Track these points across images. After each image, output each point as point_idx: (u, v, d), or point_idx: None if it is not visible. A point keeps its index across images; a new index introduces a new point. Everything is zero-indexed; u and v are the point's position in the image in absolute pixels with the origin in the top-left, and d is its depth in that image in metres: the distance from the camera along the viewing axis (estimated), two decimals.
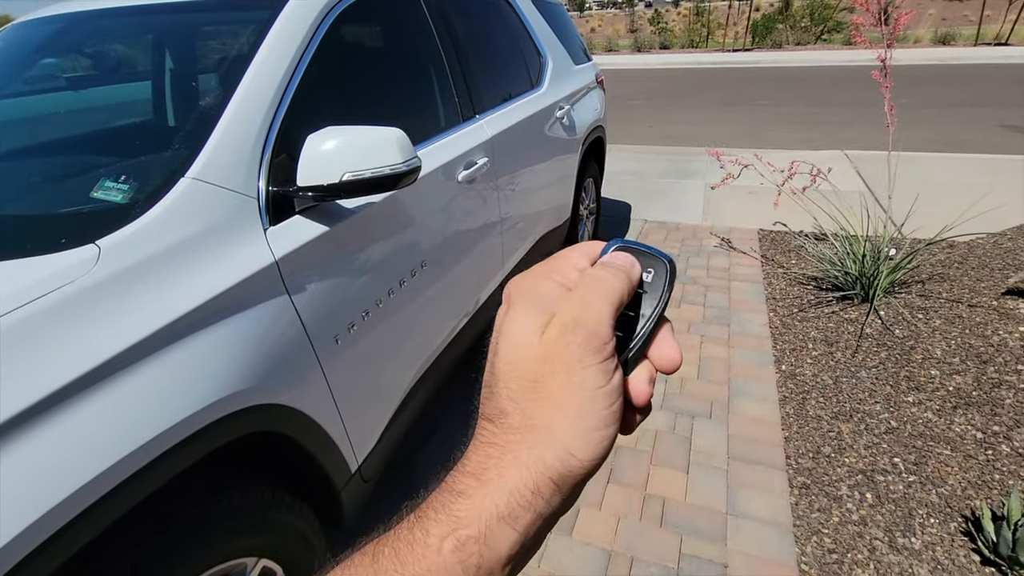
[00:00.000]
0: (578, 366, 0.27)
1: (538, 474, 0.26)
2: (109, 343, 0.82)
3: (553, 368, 0.27)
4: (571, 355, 0.27)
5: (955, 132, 6.37)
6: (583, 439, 0.26)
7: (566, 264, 0.31)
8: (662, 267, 0.30)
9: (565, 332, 0.27)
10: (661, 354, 0.31)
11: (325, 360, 1.20)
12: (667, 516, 1.73)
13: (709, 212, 4.32)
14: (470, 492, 0.26)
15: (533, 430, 0.27)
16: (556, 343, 0.27)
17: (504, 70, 2.44)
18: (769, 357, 2.50)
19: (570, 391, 0.27)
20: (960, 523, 1.63)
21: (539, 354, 0.27)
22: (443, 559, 0.25)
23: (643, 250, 0.30)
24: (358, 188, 1.15)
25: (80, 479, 0.76)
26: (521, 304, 0.29)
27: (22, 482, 0.71)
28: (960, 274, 2.99)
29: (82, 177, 1.15)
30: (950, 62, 12.69)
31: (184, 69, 1.53)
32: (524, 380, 0.27)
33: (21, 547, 0.70)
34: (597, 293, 0.28)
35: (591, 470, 0.27)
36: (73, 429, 0.77)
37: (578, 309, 0.28)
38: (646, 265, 0.30)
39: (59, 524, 0.73)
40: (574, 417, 0.26)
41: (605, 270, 0.29)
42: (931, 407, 2.09)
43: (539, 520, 0.26)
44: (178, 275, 0.94)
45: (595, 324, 0.27)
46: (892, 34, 2.53)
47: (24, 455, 0.71)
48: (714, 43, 20.57)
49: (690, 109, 9.12)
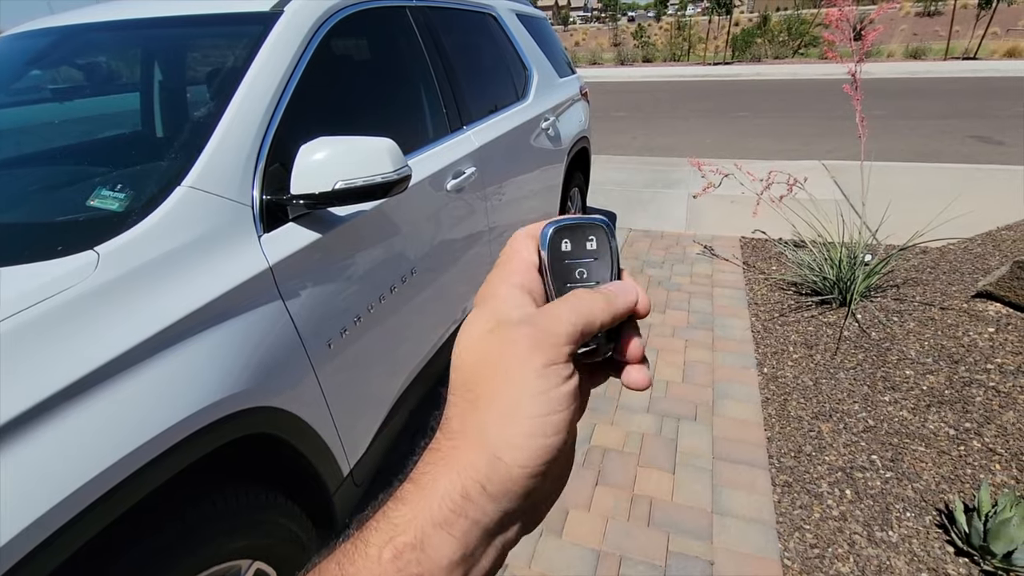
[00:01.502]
0: (518, 366, 0.25)
1: (467, 478, 0.25)
2: (107, 347, 0.84)
3: (493, 368, 0.26)
4: (512, 353, 0.26)
5: (926, 143, 6.59)
6: (513, 443, 0.25)
7: (519, 261, 0.30)
8: (601, 230, 0.30)
9: (509, 329, 0.26)
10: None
11: (318, 364, 1.22)
12: (654, 516, 1.76)
13: (692, 220, 4.41)
14: (408, 498, 0.25)
15: (466, 434, 0.26)
16: (498, 340, 0.26)
17: (491, 83, 2.50)
18: (752, 360, 2.56)
19: (507, 391, 0.25)
20: (935, 516, 1.69)
21: (480, 354, 0.27)
22: (383, 568, 0.24)
23: (578, 223, 0.30)
24: (350, 196, 1.18)
25: (74, 483, 0.77)
26: (479, 307, 0.29)
27: (16, 486, 0.72)
28: (932, 278, 3.10)
29: (80, 186, 1.17)
30: (921, 75, 13.10)
31: (179, 81, 1.56)
32: (465, 383, 0.27)
33: (15, 551, 0.71)
34: (564, 304, 0.27)
35: (525, 477, 0.25)
36: (71, 432, 0.78)
37: (540, 316, 0.27)
38: (587, 234, 0.30)
39: (52, 529, 0.74)
40: (506, 420, 0.25)
41: (586, 291, 0.29)
42: (906, 406, 2.16)
43: (477, 528, 0.25)
44: (175, 281, 0.96)
45: (548, 324, 0.26)
46: (862, 50, 2.64)
47: (20, 459, 0.73)
48: (695, 56, 21.00)
49: (673, 120, 9.31)
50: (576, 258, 0.30)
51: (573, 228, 0.30)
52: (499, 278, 0.30)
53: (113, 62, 1.55)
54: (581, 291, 0.29)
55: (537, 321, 0.27)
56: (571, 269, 0.30)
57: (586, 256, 0.30)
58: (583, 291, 0.29)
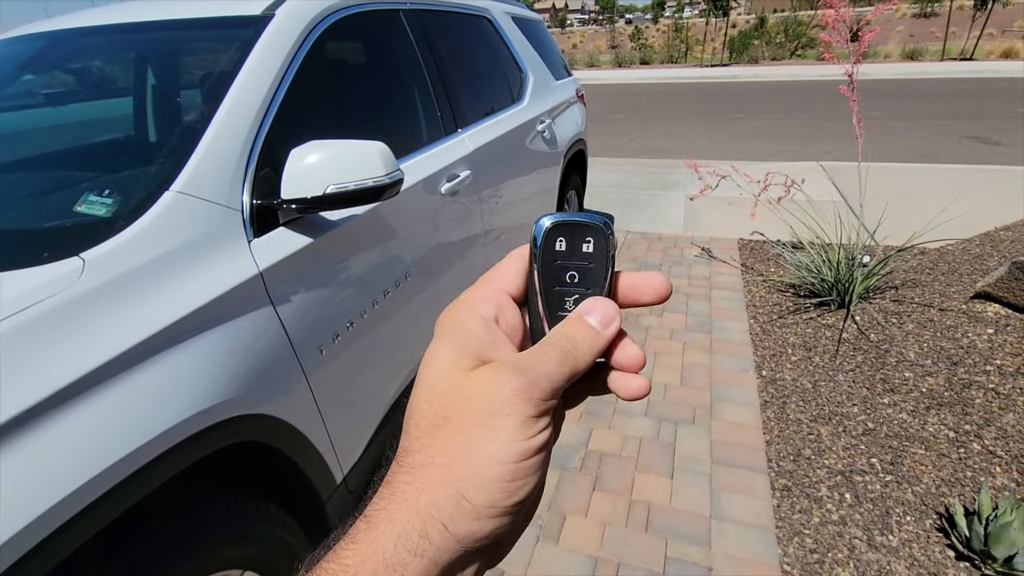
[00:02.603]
0: (503, 411, 0.24)
1: (427, 516, 0.24)
2: (91, 355, 0.82)
3: (473, 407, 0.25)
4: (499, 398, 0.24)
5: (924, 143, 6.59)
6: (483, 485, 0.24)
7: (493, 289, 0.29)
8: (599, 233, 0.28)
9: (499, 374, 0.25)
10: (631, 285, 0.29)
11: (310, 370, 1.21)
12: (652, 521, 1.75)
13: (690, 222, 4.40)
14: (360, 537, 0.24)
15: (430, 469, 0.24)
16: (483, 384, 0.25)
17: (486, 86, 2.49)
18: (750, 363, 2.55)
19: (484, 433, 0.24)
20: (935, 520, 1.67)
21: (460, 391, 0.25)
22: None
23: (577, 220, 0.28)
24: (342, 200, 1.17)
25: (57, 495, 0.75)
26: (447, 338, 0.27)
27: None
28: (931, 279, 3.09)
29: (67, 191, 1.15)
30: (918, 76, 13.13)
31: (169, 85, 1.55)
32: (436, 417, 0.25)
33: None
34: (554, 348, 0.26)
35: (491, 517, 0.24)
36: (53, 443, 0.77)
37: (524, 359, 0.26)
38: (584, 235, 0.28)
39: (33, 542, 0.72)
40: (479, 461, 0.24)
41: (572, 326, 0.27)
42: (906, 408, 2.15)
43: (434, 568, 0.23)
44: (162, 287, 0.95)
45: (538, 376, 0.25)
46: (859, 51, 2.64)
47: (2, 468, 0.71)
48: (693, 58, 21.04)
49: (670, 122, 9.31)
50: (570, 259, 0.28)
51: (572, 226, 0.28)
52: (468, 306, 0.28)
53: (103, 67, 1.53)
54: (572, 328, 0.27)
55: (528, 370, 0.25)
56: (562, 271, 0.28)
57: (581, 259, 0.28)
58: (573, 327, 0.27)
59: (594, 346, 0.27)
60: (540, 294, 0.28)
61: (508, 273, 0.29)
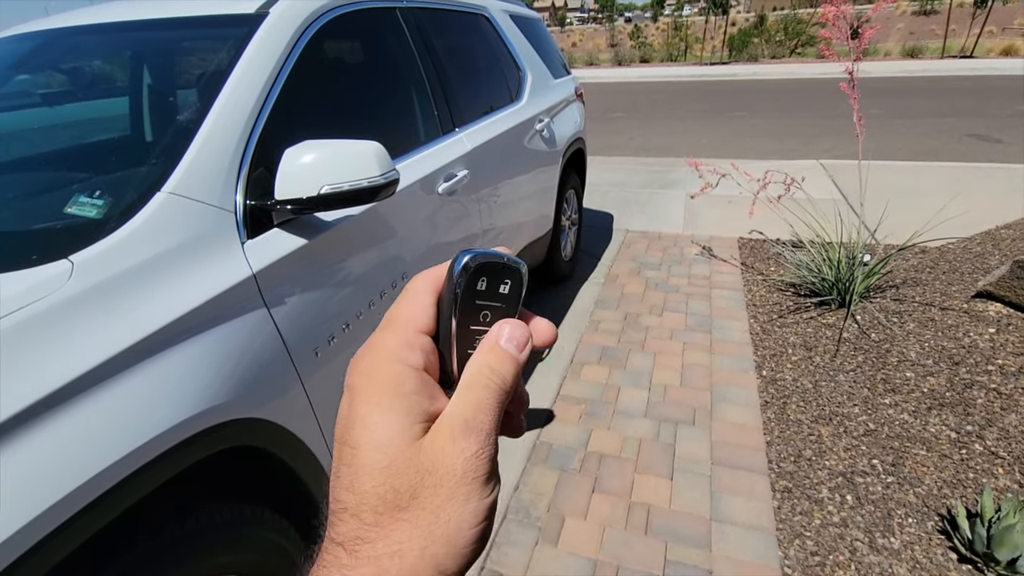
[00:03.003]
0: (469, 477, 0.23)
1: None
2: (81, 359, 0.81)
3: (439, 480, 0.23)
4: (463, 466, 0.23)
5: (924, 141, 6.57)
6: (457, 554, 0.23)
7: (412, 332, 0.27)
8: (517, 275, 0.28)
9: (457, 440, 0.24)
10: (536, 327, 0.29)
11: (305, 373, 1.19)
12: (652, 523, 1.73)
13: (690, 221, 4.38)
14: None
15: (402, 557, 0.23)
16: (445, 453, 0.24)
17: (483, 84, 2.47)
18: (750, 363, 2.53)
19: (454, 505, 0.23)
20: (937, 522, 1.66)
21: (420, 465, 0.23)
22: None
23: (501, 262, 0.27)
24: (337, 201, 1.15)
25: (46, 502, 0.74)
26: (377, 396, 0.24)
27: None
28: (932, 278, 3.07)
29: (57, 193, 1.14)
30: (918, 74, 13.11)
31: (161, 85, 1.53)
32: (397, 498, 0.23)
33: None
34: (488, 390, 0.25)
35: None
36: (41, 449, 0.75)
37: (469, 412, 0.25)
38: (503, 277, 0.27)
39: (22, 550, 0.71)
40: (454, 532, 0.23)
41: (493, 357, 0.26)
42: (907, 408, 2.13)
43: None
44: (154, 289, 0.94)
45: (488, 428, 0.24)
46: (859, 48, 2.62)
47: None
48: (692, 57, 21.01)
49: (670, 121, 9.29)
50: (486, 300, 0.27)
51: (495, 267, 0.27)
52: (395, 357, 0.25)
53: (95, 66, 1.52)
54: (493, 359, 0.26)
55: (478, 426, 0.24)
56: (478, 310, 0.27)
57: (496, 299, 0.27)
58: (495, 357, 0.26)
59: (516, 373, 0.26)
60: (455, 332, 0.27)
61: (420, 309, 0.27)
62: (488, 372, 0.26)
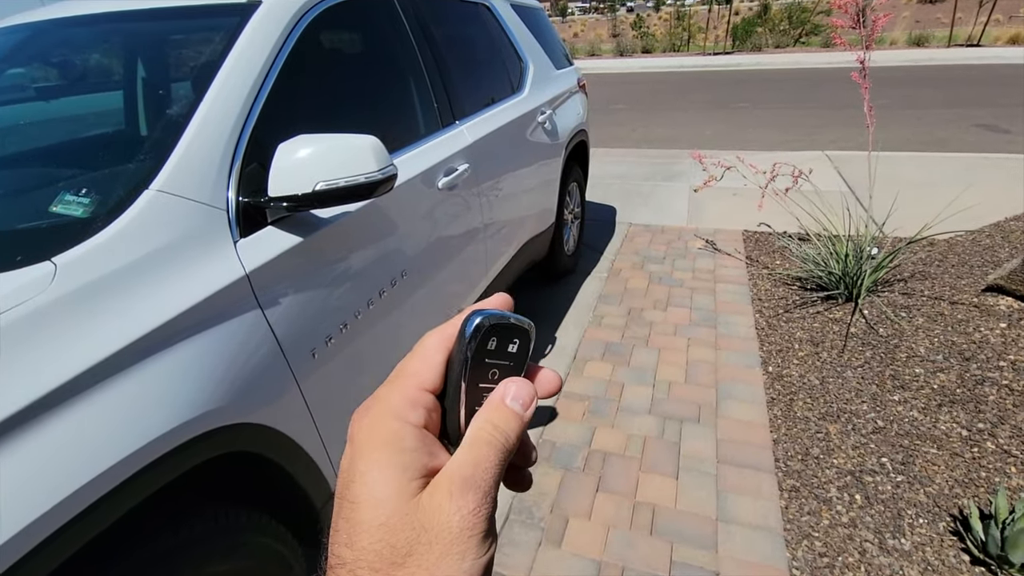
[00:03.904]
0: (465, 534, 0.23)
1: None
2: (65, 366, 0.78)
3: (434, 538, 0.23)
4: (460, 523, 0.23)
5: (932, 132, 6.48)
6: None
7: (415, 388, 0.27)
8: (526, 335, 0.28)
9: (454, 497, 0.24)
10: (541, 380, 0.30)
11: (301, 375, 1.16)
12: (657, 524, 1.71)
13: (694, 214, 4.33)
14: None
15: None
16: (442, 510, 0.24)
17: (484, 76, 2.42)
18: (756, 359, 2.49)
19: (449, 562, 0.23)
20: (949, 523, 1.63)
21: (416, 522, 0.23)
22: None
23: (511, 323, 0.28)
24: (332, 197, 1.11)
25: (38, 509, 0.72)
26: (377, 452, 0.25)
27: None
28: (941, 272, 3.02)
29: (42, 191, 1.10)
30: (925, 63, 12.94)
31: (150, 78, 1.49)
32: (394, 555, 0.23)
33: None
34: (490, 448, 0.25)
35: None
36: (24, 460, 0.72)
37: (468, 469, 0.25)
38: (513, 337, 0.28)
39: (15, 558, 0.69)
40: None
41: (498, 415, 0.26)
42: (916, 405, 2.10)
43: None
44: (141, 292, 0.90)
45: (488, 485, 0.25)
46: (870, 36, 2.56)
47: None
48: (695, 47, 20.80)
49: (673, 112, 9.20)
50: (495, 359, 0.28)
51: (507, 328, 0.28)
52: (395, 413, 0.26)
53: (83, 59, 1.47)
54: (497, 417, 0.27)
55: (477, 484, 0.25)
56: (487, 368, 0.28)
57: (505, 358, 0.28)
58: (499, 414, 0.27)
59: (519, 431, 0.27)
60: (464, 391, 0.28)
61: (428, 368, 0.28)
62: (491, 429, 0.26)
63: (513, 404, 0.27)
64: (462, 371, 0.27)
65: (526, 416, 0.27)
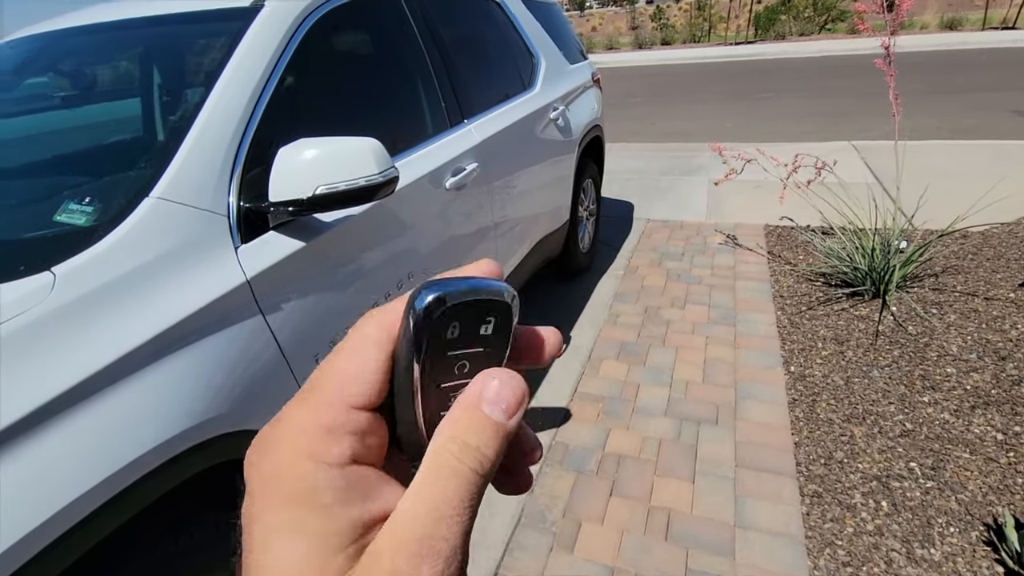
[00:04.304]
0: None
1: None
2: (64, 375, 0.78)
3: None
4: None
5: (965, 118, 6.23)
6: None
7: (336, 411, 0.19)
8: (506, 310, 0.21)
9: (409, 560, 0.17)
10: (534, 345, 0.23)
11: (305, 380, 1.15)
12: (672, 529, 1.66)
13: (714, 209, 4.23)
14: None
15: None
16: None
17: (494, 73, 2.39)
18: (777, 358, 2.42)
19: None
20: (982, 532, 1.55)
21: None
22: None
23: (478, 298, 0.20)
24: (333, 202, 1.10)
25: (38, 517, 0.72)
26: (281, 513, 0.18)
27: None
28: (975, 266, 2.89)
29: (44, 201, 1.11)
30: (958, 47, 12.45)
31: (154, 85, 1.50)
32: None
33: None
34: (457, 481, 0.18)
35: None
36: (25, 468, 0.73)
37: (427, 523, 0.17)
38: (484, 315, 0.20)
39: (14, 567, 0.69)
40: None
41: (468, 428, 0.19)
42: (948, 407, 2.00)
43: None
44: (140, 300, 0.90)
45: (454, 544, 0.17)
46: (896, 21, 2.45)
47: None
48: (716, 37, 20.39)
49: (693, 105, 9.02)
50: (463, 348, 0.20)
51: (470, 306, 0.20)
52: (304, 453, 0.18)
53: (86, 69, 1.49)
54: (469, 433, 0.19)
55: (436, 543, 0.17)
56: (451, 363, 0.20)
57: (476, 344, 0.20)
58: (471, 430, 0.19)
59: (501, 447, 0.19)
60: (419, 396, 0.20)
61: (360, 371, 0.20)
62: (458, 450, 0.18)
63: (491, 410, 0.19)
64: (409, 370, 0.19)
65: (510, 425, 0.19)
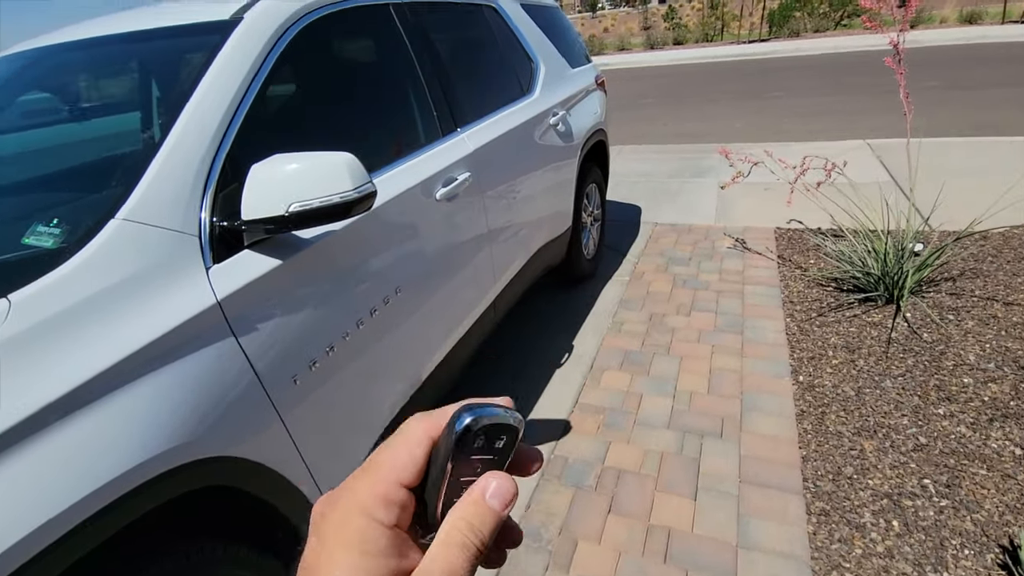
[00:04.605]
0: None
1: None
2: (15, 406, 0.75)
3: None
4: None
5: (983, 115, 6.04)
6: None
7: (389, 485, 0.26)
8: (515, 433, 0.28)
9: None
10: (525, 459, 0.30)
11: (282, 404, 1.12)
12: (672, 549, 1.61)
13: (722, 212, 4.15)
14: None
15: None
16: None
17: (490, 80, 2.35)
18: (785, 367, 2.34)
19: None
20: (997, 554, 1.46)
21: None
22: None
23: (501, 422, 0.27)
24: (307, 219, 1.07)
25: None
26: (343, 553, 0.24)
27: None
28: (994, 269, 2.78)
29: (13, 223, 1.10)
30: (977, 41, 12.13)
31: (127, 102, 1.49)
32: None
33: None
34: (463, 551, 0.25)
35: None
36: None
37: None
38: (500, 433, 0.27)
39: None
40: None
41: (474, 512, 0.26)
42: (964, 420, 1.91)
43: None
44: (103, 325, 0.87)
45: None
46: (905, 17, 2.37)
47: None
48: (729, 35, 20.15)
49: (704, 105, 8.90)
50: (481, 454, 0.27)
51: (497, 427, 0.27)
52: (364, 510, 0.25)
53: (68, 87, 1.48)
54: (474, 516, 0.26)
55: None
56: (472, 464, 0.27)
57: (490, 453, 0.28)
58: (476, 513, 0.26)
59: (495, 529, 0.26)
60: (445, 486, 0.27)
61: (408, 461, 0.27)
62: (466, 528, 0.26)
63: (492, 501, 0.26)
64: (445, 470, 0.27)
65: (503, 514, 0.27)
